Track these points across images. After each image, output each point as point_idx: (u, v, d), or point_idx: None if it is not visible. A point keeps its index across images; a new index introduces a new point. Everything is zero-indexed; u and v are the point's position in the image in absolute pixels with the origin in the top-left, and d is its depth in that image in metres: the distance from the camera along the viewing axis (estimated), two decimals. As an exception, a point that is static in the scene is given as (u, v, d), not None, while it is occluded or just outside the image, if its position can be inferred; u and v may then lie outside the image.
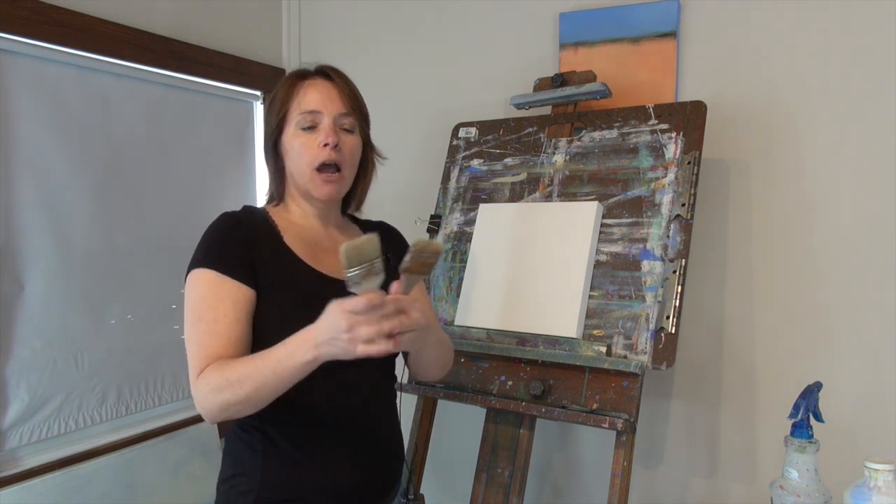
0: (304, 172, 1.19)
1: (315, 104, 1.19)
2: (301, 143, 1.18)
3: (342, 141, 1.19)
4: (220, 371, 1.03)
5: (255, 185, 2.16)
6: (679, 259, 1.43)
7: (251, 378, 1.00)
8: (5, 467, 1.49)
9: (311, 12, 2.25)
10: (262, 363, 1.00)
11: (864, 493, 1.15)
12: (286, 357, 0.99)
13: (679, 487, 1.74)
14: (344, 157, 1.19)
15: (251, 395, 1.01)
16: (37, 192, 1.56)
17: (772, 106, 1.63)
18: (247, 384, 1.00)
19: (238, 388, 1.01)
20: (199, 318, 1.09)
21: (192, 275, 1.12)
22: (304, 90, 1.20)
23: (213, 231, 1.17)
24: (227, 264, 1.11)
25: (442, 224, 1.77)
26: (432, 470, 1.74)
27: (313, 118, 1.18)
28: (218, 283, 1.10)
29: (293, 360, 0.98)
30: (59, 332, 1.60)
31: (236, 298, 1.10)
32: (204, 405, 1.05)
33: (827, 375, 1.38)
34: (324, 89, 1.20)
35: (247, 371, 1.01)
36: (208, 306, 1.09)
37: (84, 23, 1.62)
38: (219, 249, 1.13)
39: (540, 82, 1.76)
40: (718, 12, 1.67)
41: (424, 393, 1.63)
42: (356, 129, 1.22)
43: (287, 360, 0.99)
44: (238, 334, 1.09)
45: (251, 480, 1.15)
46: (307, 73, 1.23)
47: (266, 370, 1.00)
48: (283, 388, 1.02)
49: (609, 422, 1.37)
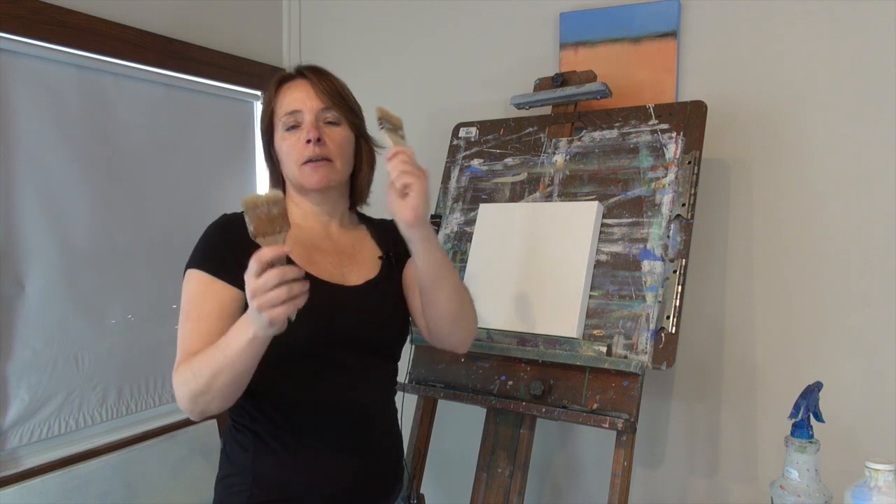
0: (293, 171, 1.21)
1: (295, 104, 1.20)
2: (288, 143, 1.20)
3: (326, 134, 1.20)
4: (187, 364, 1.05)
5: (255, 185, 2.16)
6: (679, 259, 1.43)
7: (207, 365, 1.01)
8: (6, 467, 1.49)
9: (311, 12, 2.24)
10: (215, 348, 1.01)
11: (865, 493, 1.15)
12: (233, 338, 0.99)
13: (679, 487, 1.74)
14: (330, 149, 1.20)
15: (211, 384, 1.01)
16: (37, 191, 1.56)
17: (772, 106, 1.63)
18: (206, 372, 1.01)
19: (200, 378, 1.01)
20: (186, 316, 1.12)
21: (186, 275, 1.15)
22: (284, 93, 1.22)
23: (208, 233, 1.19)
24: (218, 266, 1.12)
25: (442, 224, 1.77)
26: (432, 470, 1.74)
27: (295, 118, 1.20)
28: (206, 284, 1.12)
29: (238, 341, 0.98)
30: (60, 332, 1.60)
31: (222, 299, 1.11)
32: (179, 399, 1.07)
33: (827, 375, 1.38)
34: (303, 88, 1.21)
35: (204, 359, 1.02)
36: (195, 305, 1.11)
37: (84, 22, 1.62)
38: (211, 251, 1.15)
39: (540, 82, 1.76)
40: (719, 12, 1.67)
41: (424, 393, 1.63)
42: (342, 121, 1.22)
43: (233, 342, 0.99)
44: (220, 333, 1.09)
45: (244, 480, 1.15)
46: (287, 77, 1.25)
47: (218, 355, 1.00)
48: (241, 373, 1.01)
49: (609, 422, 1.37)
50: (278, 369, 1.12)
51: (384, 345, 1.24)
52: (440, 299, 1.19)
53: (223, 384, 1.01)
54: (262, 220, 0.94)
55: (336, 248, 1.25)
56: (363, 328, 1.18)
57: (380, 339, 1.22)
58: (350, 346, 1.17)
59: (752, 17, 1.64)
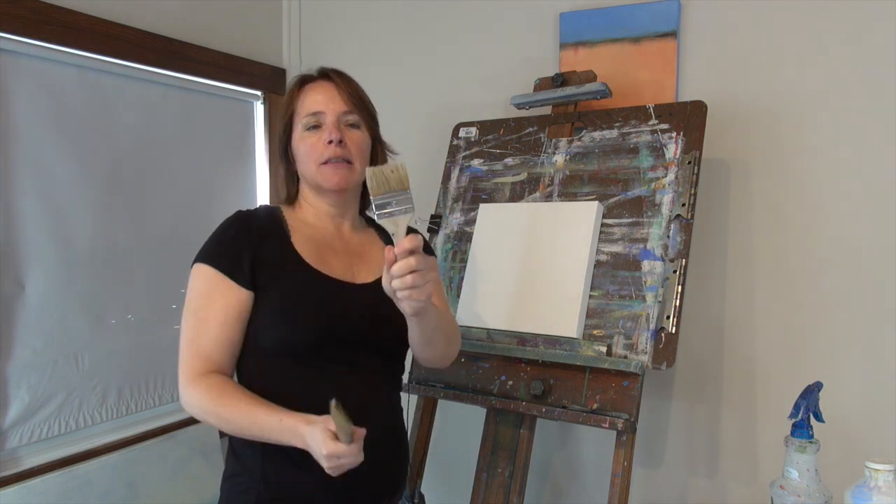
0: (311, 170, 1.21)
1: (318, 105, 1.21)
2: (307, 143, 1.21)
3: (347, 136, 1.21)
4: (214, 398, 1.10)
5: (256, 185, 2.16)
6: (679, 259, 1.43)
7: (238, 425, 1.09)
8: (6, 467, 1.49)
9: (311, 12, 2.25)
10: (254, 420, 1.07)
11: (865, 493, 1.15)
12: (277, 431, 1.06)
13: (679, 487, 1.74)
14: (350, 151, 1.21)
15: (233, 431, 1.12)
16: (37, 191, 1.56)
17: (772, 105, 1.63)
18: (233, 426, 1.09)
19: (223, 424, 1.10)
20: (193, 311, 1.14)
21: (195, 267, 1.16)
22: (306, 93, 1.23)
23: (221, 228, 1.20)
24: (228, 264, 1.14)
25: (442, 224, 1.77)
26: (433, 470, 1.74)
27: (317, 119, 1.21)
28: (216, 282, 1.13)
29: (282, 438, 1.06)
30: (60, 332, 1.60)
31: (228, 302, 1.13)
32: (188, 409, 1.14)
33: (827, 375, 1.38)
34: (326, 90, 1.22)
35: (237, 418, 1.08)
36: (202, 305, 1.14)
37: (85, 23, 1.62)
38: (222, 247, 1.16)
39: (540, 82, 1.76)
40: (719, 12, 1.67)
41: (425, 393, 1.63)
42: (362, 125, 1.24)
43: (277, 434, 1.06)
44: (226, 337, 1.14)
45: (252, 479, 1.16)
46: (310, 78, 1.26)
47: (255, 429, 1.07)
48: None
49: (609, 422, 1.37)
50: (288, 366, 1.13)
51: (391, 343, 1.24)
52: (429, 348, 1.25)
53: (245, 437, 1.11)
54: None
55: (347, 247, 1.26)
56: (371, 325, 1.19)
57: (387, 337, 1.22)
58: (358, 344, 1.18)
59: (752, 16, 1.64)
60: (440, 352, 1.28)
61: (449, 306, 1.36)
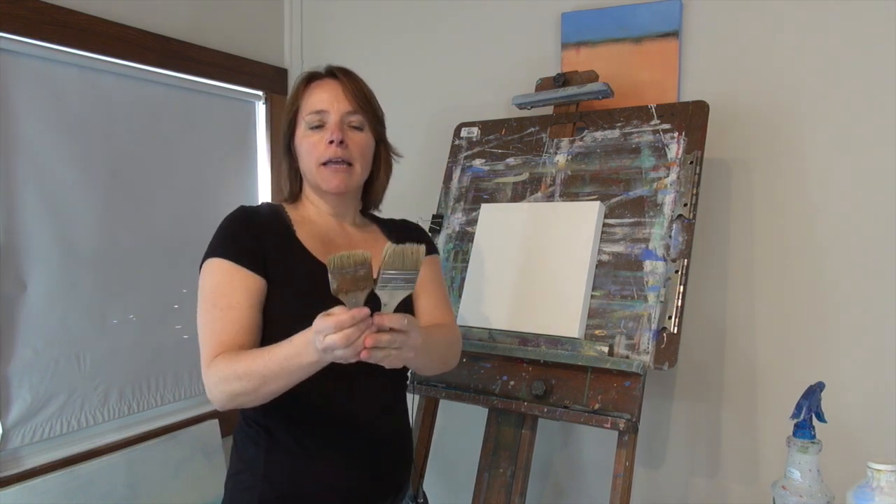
0: (311, 170, 1.21)
1: (322, 104, 1.21)
2: (310, 142, 1.21)
3: (350, 138, 1.21)
4: (229, 362, 1.05)
5: (257, 185, 2.16)
6: (681, 259, 1.43)
7: (258, 373, 1.02)
8: (7, 467, 1.50)
9: (312, 12, 2.24)
10: (270, 359, 1.02)
11: (867, 493, 1.15)
12: (294, 356, 1.00)
13: (681, 487, 1.74)
14: (351, 153, 1.21)
15: (258, 388, 1.03)
16: (38, 191, 1.56)
17: (774, 105, 1.62)
18: (255, 377, 1.02)
19: (246, 381, 1.03)
20: (213, 304, 1.11)
21: (207, 264, 1.15)
22: (312, 91, 1.23)
23: (227, 223, 1.19)
24: (241, 254, 1.13)
25: (444, 224, 1.77)
26: (434, 470, 1.74)
27: (321, 117, 1.21)
28: (232, 272, 1.12)
29: (299, 360, 0.99)
30: (62, 332, 1.60)
31: (249, 287, 1.12)
32: (213, 393, 1.08)
33: (829, 375, 1.38)
34: (332, 89, 1.22)
35: (254, 366, 1.03)
36: (222, 293, 1.11)
37: (85, 23, 1.62)
38: (233, 240, 1.16)
39: (542, 82, 1.75)
40: (720, 12, 1.67)
41: (426, 393, 1.63)
42: (365, 126, 1.24)
43: (294, 359, 1.00)
44: (251, 322, 1.11)
45: (255, 476, 1.16)
46: (317, 75, 1.25)
47: (273, 366, 1.01)
48: (290, 384, 1.04)
49: (611, 422, 1.37)
50: None
51: None
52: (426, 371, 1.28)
53: (271, 390, 1.04)
54: (347, 280, 0.94)
55: (351, 243, 1.26)
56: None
57: None
58: None
59: (753, 16, 1.64)
60: (438, 368, 1.29)
61: (451, 308, 1.36)
